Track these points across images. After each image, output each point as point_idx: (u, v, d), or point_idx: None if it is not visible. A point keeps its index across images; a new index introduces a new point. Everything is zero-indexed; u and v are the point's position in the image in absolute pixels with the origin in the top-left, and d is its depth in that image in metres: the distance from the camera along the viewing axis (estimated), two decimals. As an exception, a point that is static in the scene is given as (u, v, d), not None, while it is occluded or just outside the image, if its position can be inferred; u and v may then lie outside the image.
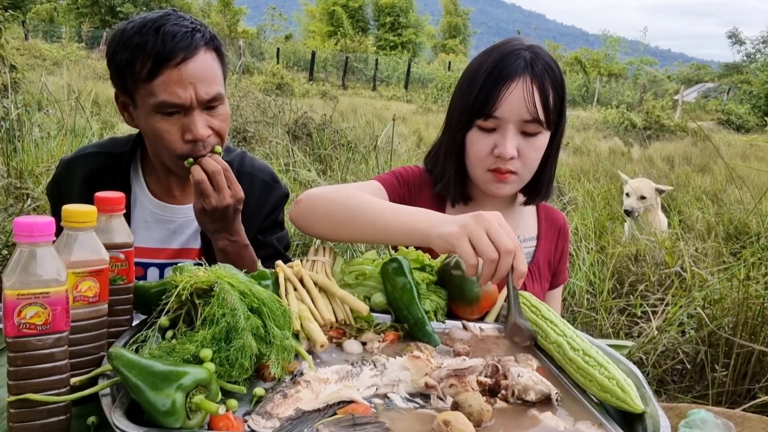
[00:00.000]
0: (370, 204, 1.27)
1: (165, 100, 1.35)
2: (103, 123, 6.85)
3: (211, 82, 1.40)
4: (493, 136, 1.41)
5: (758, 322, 2.48)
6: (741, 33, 41.42)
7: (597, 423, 0.89)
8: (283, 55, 29.15)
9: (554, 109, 1.42)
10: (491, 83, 1.39)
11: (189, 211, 1.54)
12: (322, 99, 13.97)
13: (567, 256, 1.71)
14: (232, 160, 1.61)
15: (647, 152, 10.34)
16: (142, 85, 1.36)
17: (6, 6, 6.88)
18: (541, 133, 1.42)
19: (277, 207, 1.68)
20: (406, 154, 6.85)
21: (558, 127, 1.48)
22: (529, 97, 1.37)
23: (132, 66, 1.36)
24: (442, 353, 1.08)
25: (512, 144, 1.39)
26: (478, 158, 1.43)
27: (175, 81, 1.35)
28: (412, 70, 30.85)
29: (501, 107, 1.38)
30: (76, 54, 17.26)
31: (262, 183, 1.64)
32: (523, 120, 1.38)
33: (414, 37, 47.58)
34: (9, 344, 0.79)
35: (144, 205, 1.55)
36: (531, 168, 1.45)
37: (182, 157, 1.39)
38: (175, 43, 1.35)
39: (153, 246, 1.55)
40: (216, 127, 1.42)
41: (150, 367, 0.78)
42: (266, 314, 0.94)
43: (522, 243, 1.57)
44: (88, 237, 0.88)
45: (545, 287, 1.63)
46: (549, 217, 1.66)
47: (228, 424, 0.79)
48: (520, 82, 1.37)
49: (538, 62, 1.39)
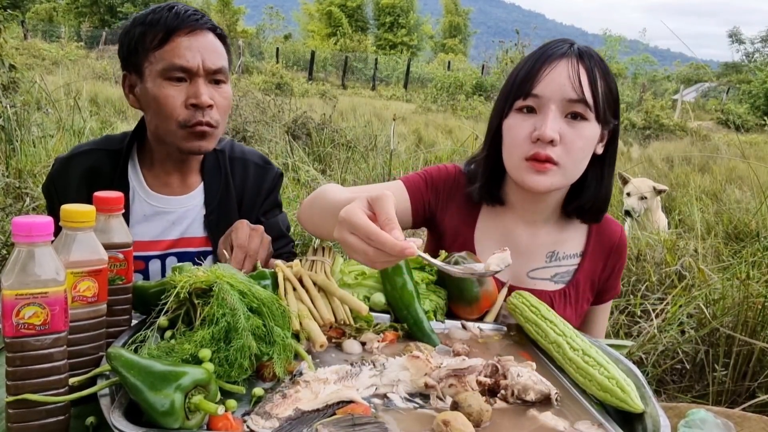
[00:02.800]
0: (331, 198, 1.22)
1: (174, 62, 1.41)
2: (102, 122, 6.85)
3: (219, 57, 1.47)
4: (532, 118, 1.28)
5: (758, 321, 2.48)
6: (741, 33, 41.44)
7: (597, 423, 0.89)
8: (282, 55, 29.13)
9: (605, 101, 1.29)
10: (533, 63, 1.29)
11: (187, 202, 1.59)
12: (322, 99, 13.96)
13: (621, 272, 1.54)
14: (223, 148, 1.66)
15: (647, 152, 10.34)
16: (151, 53, 1.43)
17: (5, 5, 6.89)
18: (589, 122, 1.27)
19: (273, 188, 1.72)
20: (406, 154, 6.85)
21: (612, 133, 1.36)
22: (574, 74, 1.25)
23: (144, 38, 1.44)
24: (442, 353, 1.08)
25: (553, 125, 1.24)
26: (515, 144, 1.30)
27: (185, 47, 1.42)
28: (412, 69, 30.83)
29: (542, 83, 1.26)
30: (75, 54, 17.23)
31: (255, 166, 1.69)
32: (568, 99, 1.25)
33: (414, 38, 47.59)
34: (7, 344, 0.79)
35: (143, 200, 1.57)
36: (575, 159, 1.28)
37: (182, 124, 1.44)
38: (186, 17, 1.45)
39: (153, 239, 1.57)
40: (218, 102, 1.47)
41: (149, 368, 0.78)
42: (266, 314, 0.94)
43: (560, 260, 1.45)
44: (86, 237, 0.88)
45: (582, 310, 1.49)
46: (601, 233, 1.48)
47: (227, 425, 0.79)
48: (564, 61, 1.27)
49: (587, 51, 1.31)
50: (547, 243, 1.45)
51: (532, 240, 1.45)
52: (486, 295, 1.24)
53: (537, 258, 1.45)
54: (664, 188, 4.86)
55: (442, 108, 15.78)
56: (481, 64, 26.37)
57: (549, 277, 1.45)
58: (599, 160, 1.38)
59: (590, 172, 1.37)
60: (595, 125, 1.29)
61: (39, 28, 28.69)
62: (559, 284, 1.45)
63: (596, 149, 1.35)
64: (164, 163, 1.57)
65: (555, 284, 1.44)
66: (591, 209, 1.41)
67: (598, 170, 1.38)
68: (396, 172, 5.55)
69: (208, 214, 1.59)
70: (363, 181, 5.30)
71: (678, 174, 7.87)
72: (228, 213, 1.61)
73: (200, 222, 1.60)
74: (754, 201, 5.47)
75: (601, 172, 1.39)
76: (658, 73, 44.40)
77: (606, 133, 1.35)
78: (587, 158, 1.32)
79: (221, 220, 1.59)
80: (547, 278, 1.44)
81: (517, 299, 1.20)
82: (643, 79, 32.65)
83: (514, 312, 1.20)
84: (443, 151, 7.12)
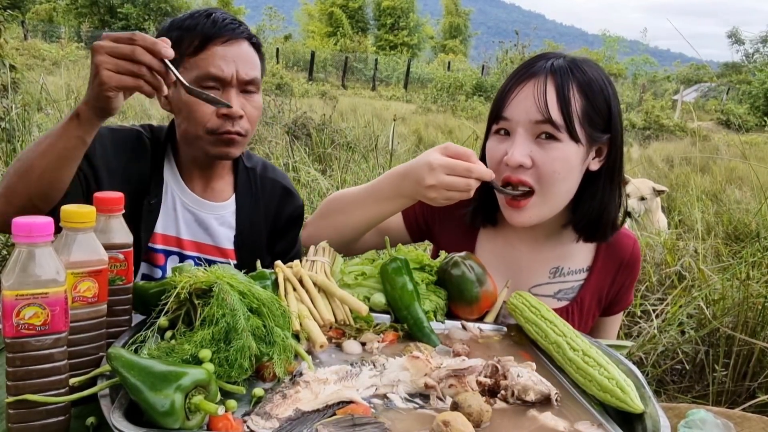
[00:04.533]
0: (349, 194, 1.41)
1: (209, 71, 1.40)
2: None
3: (253, 67, 1.47)
4: (506, 141, 1.28)
5: (758, 321, 2.48)
6: (741, 33, 41.48)
7: (597, 423, 0.89)
8: (282, 55, 29.11)
9: (584, 118, 1.24)
10: (506, 84, 1.29)
11: (218, 209, 1.58)
12: (322, 99, 13.96)
13: (633, 285, 1.49)
14: (254, 166, 1.66)
15: (647, 152, 10.34)
16: (186, 59, 1.42)
17: (5, 6, 6.88)
18: (561, 142, 1.23)
19: (295, 219, 1.70)
20: (406, 154, 6.85)
21: (608, 148, 1.30)
22: (540, 94, 1.22)
23: (180, 43, 1.41)
24: (442, 353, 1.08)
25: (520, 150, 1.23)
26: (491, 167, 1.28)
27: (220, 56, 1.41)
28: (412, 70, 30.83)
29: (510, 106, 1.26)
30: (75, 54, 17.22)
31: (283, 190, 1.69)
32: (534, 120, 1.22)
33: (414, 38, 47.59)
34: (8, 345, 0.79)
35: (176, 195, 1.56)
36: (550, 182, 1.24)
37: (211, 131, 1.43)
38: (224, 25, 1.43)
39: (178, 236, 1.56)
40: (249, 112, 1.47)
41: (149, 368, 0.78)
42: (266, 314, 0.94)
43: (565, 276, 1.42)
44: (87, 237, 0.88)
45: (586, 327, 1.45)
46: (611, 247, 1.43)
47: (227, 425, 0.79)
48: (532, 82, 1.25)
49: (569, 65, 1.25)
50: (550, 258, 1.42)
51: (534, 255, 1.43)
52: (486, 296, 1.24)
53: (539, 274, 1.42)
54: (663, 189, 4.85)
55: (442, 108, 15.78)
56: (481, 64, 26.38)
57: (552, 293, 1.41)
58: (595, 176, 1.32)
59: (586, 189, 1.32)
60: (571, 144, 1.23)
61: (39, 29, 28.67)
62: (562, 301, 1.41)
63: (590, 165, 1.30)
64: (191, 166, 1.56)
65: (558, 301, 1.41)
66: (587, 227, 1.36)
67: (593, 187, 1.32)
68: (396, 172, 5.54)
69: (239, 232, 1.59)
70: (363, 181, 5.30)
71: (678, 174, 7.87)
72: (256, 234, 1.62)
73: (228, 235, 1.59)
74: (754, 201, 5.47)
75: (595, 189, 1.32)
76: (658, 73, 44.41)
77: (597, 149, 1.30)
78: (569, 179, 1.27)
79: (250, 241, 1.60)
80: (549, 295, 1.41)
81: (517, 299, 1.20)
82: (643, 79, 32.63)
83: (514, 312, 1.20)
84: (443, 151, 7.10)
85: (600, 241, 1.41)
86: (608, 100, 1.27)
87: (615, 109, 1.28)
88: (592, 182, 1.33)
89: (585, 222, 1.35)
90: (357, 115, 10.73)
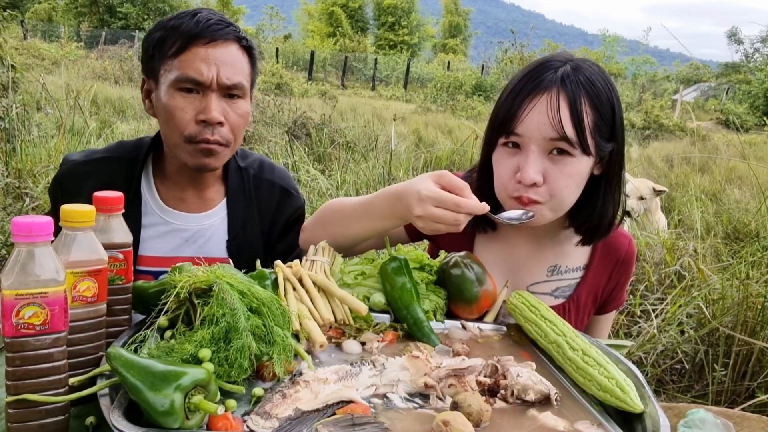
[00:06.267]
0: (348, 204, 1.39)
1: (186, 74, 1.35)
2: (102, 122, 6.85)
3: (236, 71, 1.39)
4: (517, 155, 1.26)
5: (758, 321, 2.48)
6: (740, 33, 41.46)
7: (596, 423, 0.89)
8: (282, 55, 29.11)
9: (595, 131, 1.23)
10: (515, 96, 1.25)
11: (204, 220, 1.53)
12: (321, 99, 13.96)
13: (626, 284, 1.51)
14: (248, 166, 1.59)
15: (646, 152, 10.34)
16: (168, 60, 1.37)
17: (4, 5, 6.88)
18: (574, 157, 1.22)
19: (294, 220, 1.65)
20: (405, 154, 6.85)
21: (610, 154, 1.29)
22: (554, 111, 1.20)
23: (163, 43, 1.38)
24: (442, 353, 1.08)
25: (534, 167, 1.21)
26: (501, 182, 1.28)
27: (200, 58, 1.35)
28: (411, 69, 30.83)
29: (523, 123, 1.23)
30: (75, 54, 17.21)
31: (281, 190, 1.62)
32: (548, 138, 1.21)
33: (414, 37, 47.60)
34: (7, 344, 0.79)
35: (155, 214, 1.51)
36: (561, 197, 1.25)
37: (189, 139, 1.37)
38: (207, 25, 1.37)
39: (165, 255, 1.51)
40: (231, 120, 1.39)
41: (149, 368, 0.78)
42: (266, 314, 0.94)
43: (562, 274, 1.43)
44: (86, 237, 0.88)
45: (582, 324, 1.46)
46: (607, 246, 1.45)
47: (227, 425, 0.79)
48: (544, 96, 1.22)
49: (577, 76, 1.23)
50: (548, 257, 1.44)
51: (533, 254, 1.44)
52: (486, 295, 1.24)
53: (538, 272, 1.44)
54: (663, 189, 4.86)
55: (441, 108, 15.77)
56: (480, 64, 26.38)
57: (549, 291, 1.43)
58: (596, 179, 1.33)
59: (587, 193, 1.32)
60: (584, 159, 1.24)
61: (38, 28, 28.65)
62: (559, 299, 1.43)
63: (593, 171, 1.31)
64: (179, 176, 1.51)
65: (555, 299, 1.43)
66: (588, 229, 1.36)
67: (595, 192, 1.33)
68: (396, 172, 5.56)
69: (232, 239, 1.54)
70: (363, 180, 5.31)
71: (677, 174, 7.87)
72: (251, 238, 1.57)
73: (220, 243, 1.54)
74: (753, 201, 5.47)
75: (597, 194, 1.33)
76: (658, 73, 44.43)
77: (602, 156, 1.30)
78: (577, 189, 1.28)
79: (245, 246, 1.55)
80: (547, 293, 1.43)
81: (516, 299, 1.20)
82: (643, 79, 32.64)
83: (514, 312, 1.20)
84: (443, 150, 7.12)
85: (600, 240, 1.42)
86: (614, 107, 1.27)
87: (618, 115, 1.29)
88: (593, 186, 1.33)
89: (585, 224, 1.36)
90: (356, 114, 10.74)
